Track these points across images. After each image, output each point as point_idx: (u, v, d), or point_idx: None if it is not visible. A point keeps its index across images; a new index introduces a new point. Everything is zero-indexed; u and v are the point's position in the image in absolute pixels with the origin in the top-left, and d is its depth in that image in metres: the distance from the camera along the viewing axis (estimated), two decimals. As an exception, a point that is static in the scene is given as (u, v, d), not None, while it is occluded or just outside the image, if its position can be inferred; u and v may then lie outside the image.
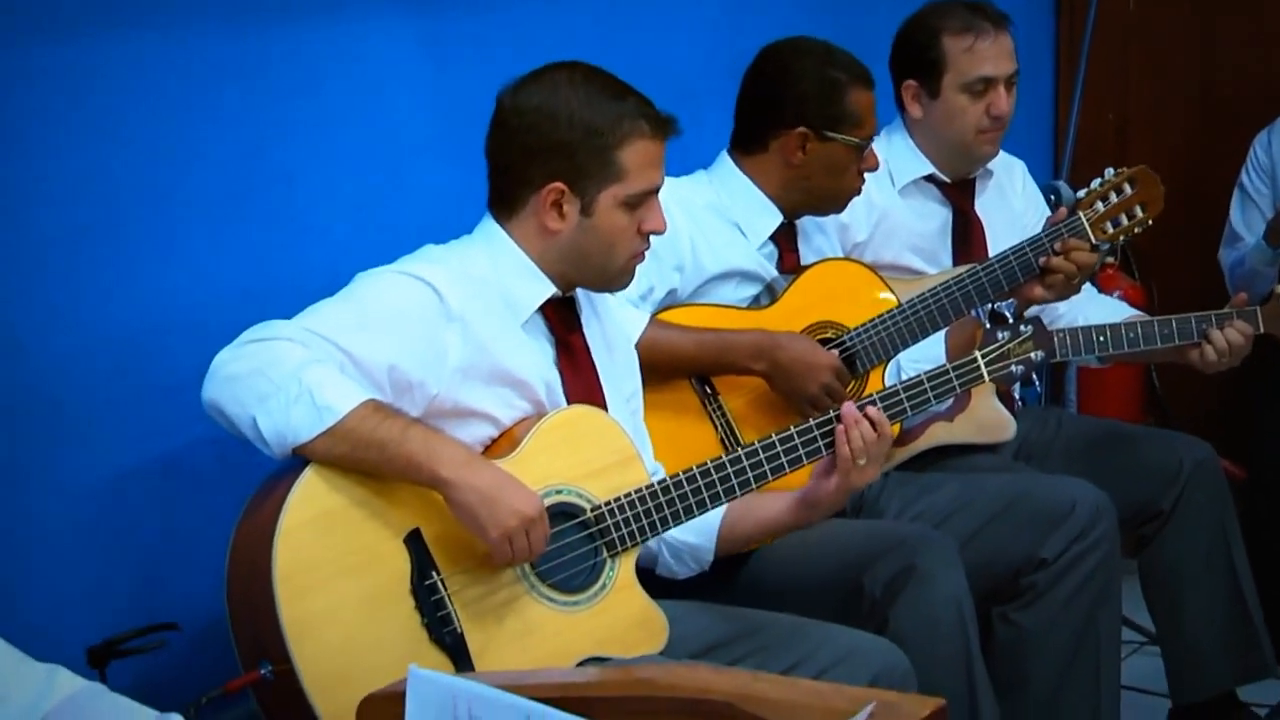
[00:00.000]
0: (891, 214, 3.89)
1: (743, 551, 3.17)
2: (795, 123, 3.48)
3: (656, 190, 2.90)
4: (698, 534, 3.03)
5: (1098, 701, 3.50)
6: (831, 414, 2.93)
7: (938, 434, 3.70)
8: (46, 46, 2.80)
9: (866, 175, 3.64)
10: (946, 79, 3.82)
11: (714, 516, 3.01)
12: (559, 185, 2.84)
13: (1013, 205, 4.06)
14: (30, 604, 2.60)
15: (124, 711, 1.90)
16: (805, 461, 2.94)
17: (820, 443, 2.93)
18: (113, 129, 2.91)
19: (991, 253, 3.79)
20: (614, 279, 2.95)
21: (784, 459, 2.92)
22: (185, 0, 3.01)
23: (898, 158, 3.90)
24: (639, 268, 2.98)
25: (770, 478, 2.92)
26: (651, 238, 2.94)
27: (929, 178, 3.92)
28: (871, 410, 2.92)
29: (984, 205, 3.99)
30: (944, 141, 3.87)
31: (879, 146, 3.82)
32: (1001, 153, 4.01)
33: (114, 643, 2.66)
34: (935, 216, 3.94)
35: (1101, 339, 3.76)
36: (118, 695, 1.93)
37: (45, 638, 2.00)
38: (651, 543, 2.98)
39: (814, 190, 3.54)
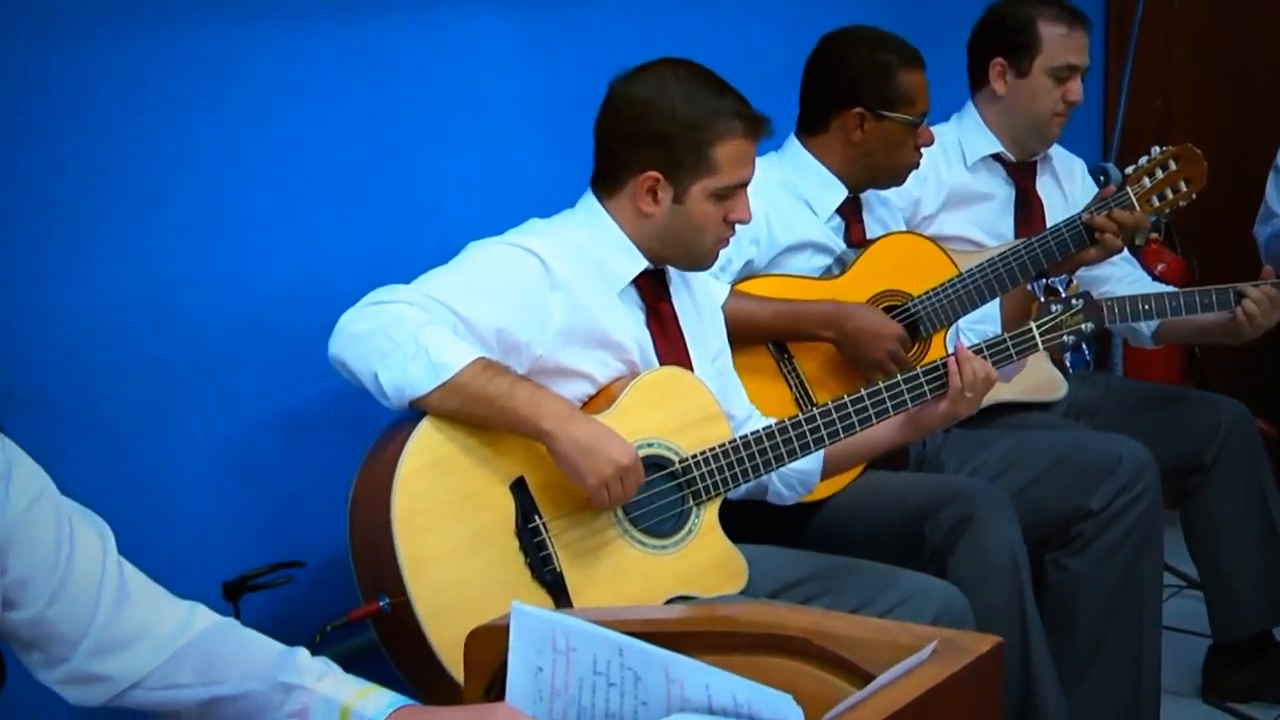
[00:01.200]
0: (960, 189, 3.88)
1: (843, 473, 3.18)
2: (852, 104, 3.46)
3: (745, 184, 2.89)
4: (806, 459, 3.03)
5: (1140, 639, 3.48)
6: (899, 378, 2.94)
7: (995, 393, 3.67)
8: (188, 41, 2.82)
9: (939, 152, 3.66)
10: (1038, 61, 3.81)
11: None
12: (655, 174, 2.83)
13: (1068, 195, 4.03)
14: (172, 543, 2.63)
15: (254, 644, 1.92)
16: (874, 421, 2.94)
17: (889, 404, 2.93)
18: (246, 114, 2.93)
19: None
20: (700, 260, 2.95)
21: (855, 418, 2.92)
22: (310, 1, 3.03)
23: (969, 137, 3.91)
24: None
25: (842, 435, 2.92)
26: None
27: (996, 156, 3.91)
28: (978, 358, 2.96)
29: (1042, 186, 3.99)
30: (1019, 119, 3.86)
31: (950, 127, 3.85)
32: (1062, 149, 4.02)
33: (246, 578, 2.69)
34: (999, 192, 3.93)
35: (1146, 307, 3.76)
36: (249, 629, 1.95)
37: (186, 574, 2.02)
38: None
39: (874, 166, 3.51)
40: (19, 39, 2.58)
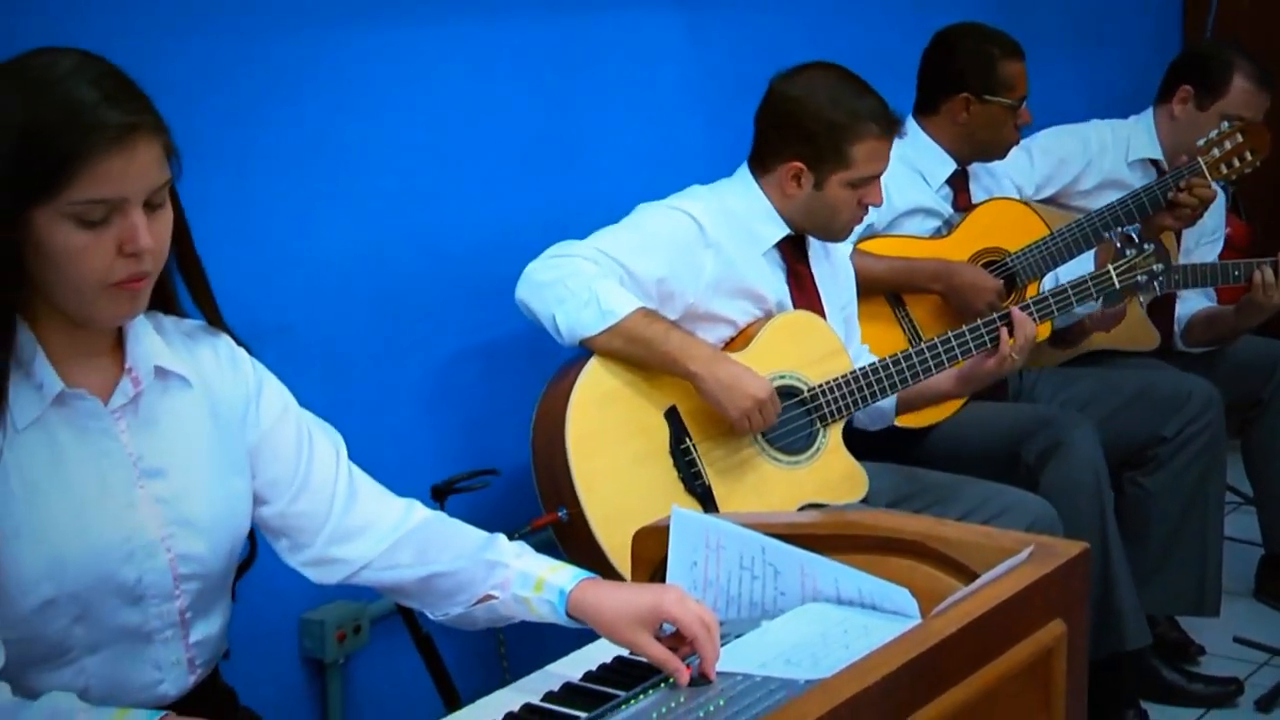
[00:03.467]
0: (1113, 177, 3.80)
1: (911, 413, 3.13)
2: (958, 89, 3.41)
3: (878, 175, 2.85)
4: (885, 400, 2.99)
5: (1204, 546, 3.43)
6: (996, 317, 2.91)
7: (1096, 341, 3.64)
8: (403, 37, 2.84)
9: (1110, 141, 3.70)
10: (1220, 104, 3.70)
11: None
12: (798, 164, 2.81)
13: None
14: (391, 453, 2.66)
15: (462, 531, 1.93)
16: (975, 353, 2.92)
17: (986, 339, 2.91)
18: (452, 98, 2.94)
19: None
20: (835, 235, 2.94)
21: (958, 352, 2.91)
22: (506, 1, 3.03)
23: (1137, 137, 3.83)
24: None
25: (947, 366, 2.91)
26: None
27: (1154, 162, 3.82)
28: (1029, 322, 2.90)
29: None
30: (1181, 142, 3.73)
31: (1127, 124, 3.83)
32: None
33: (451, 482, 2.70)
34: None
35: (1177, 277, 3.67)
36: (456, 520, 1.97)
37: (402, 478, 2.04)
38: None
39: (977, 143, 3.45)
40: (277, 35, 2.63)
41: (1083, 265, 3.45)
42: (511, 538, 1.95)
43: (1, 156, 1.56)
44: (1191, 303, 3.86)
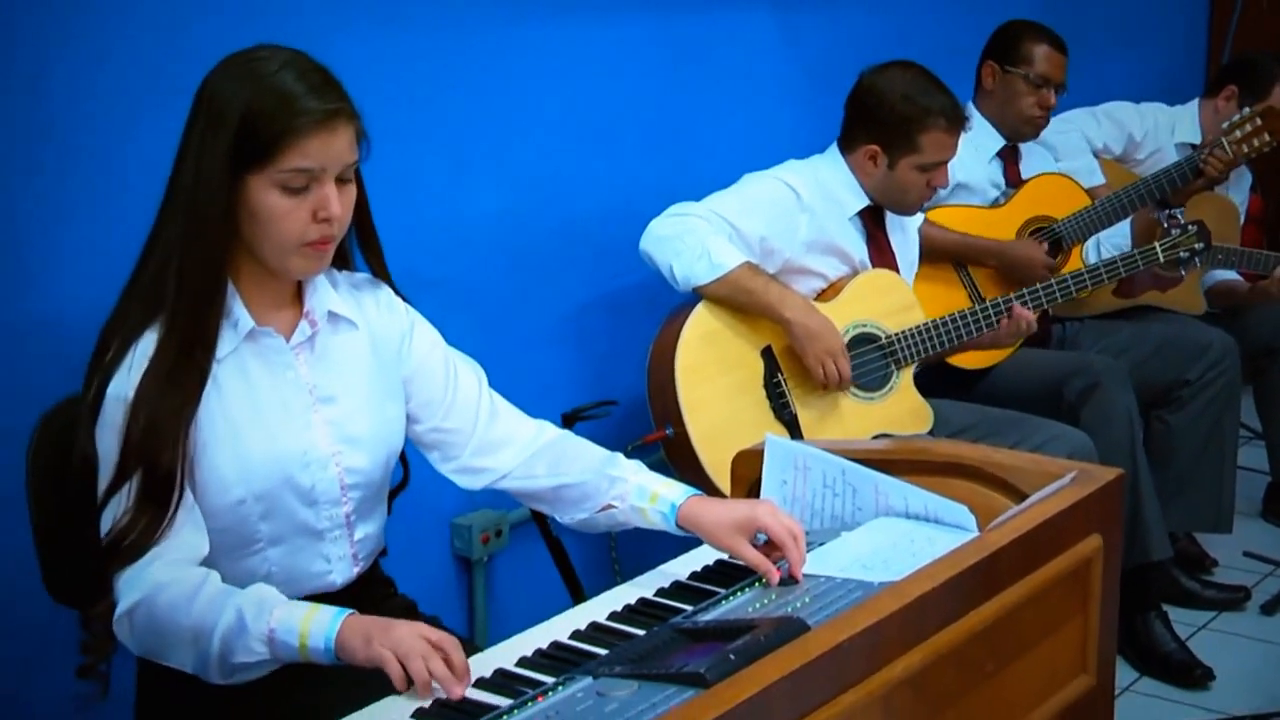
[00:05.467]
0: (1163, 153, 3.70)
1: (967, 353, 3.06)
2: (988, 58, 3.33)
3: (945, 162, 2.78)
4: None
5: (1220, 474, 3.34)
6: (1052, 281, 2.86)
7: (1149, 298, 3.54)
8: (539, 29, 2.80)
9: (1165, 124, 3.63)
10: (1260, 105, 3.55)
11: None
12: (874, 148, 2.76)
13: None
14: (528, 385, 2.63)
15: (588, 449, 1.93)
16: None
17: (1029, 304, 2.86)
18: (580, 88, 2.90)
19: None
20: (906, 210, 2.88)
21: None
22: (630, 4, 2.97)
23: (1183, 123, 3.73)
24: None
25: (1006, 324, 2.85)
26: None
27: (1193, 146, 3.69)
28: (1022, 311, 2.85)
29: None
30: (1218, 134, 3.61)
31: (1176, 110, 3.73)
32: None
33: (578, 410, 2.70)
34: None
35: (1220, 256, 3.55)
36: (583, 439, 1.95)
37: (537, 406, 2.02)
38: None
39: (1007, 115, 3.33)
40: (438, 32, 2.60)
41: (1118, 231, 3.37)
42: (627, 451, 1.95)
43: (226, 132, 1.61)
44: (1216, 271, 3.75)
